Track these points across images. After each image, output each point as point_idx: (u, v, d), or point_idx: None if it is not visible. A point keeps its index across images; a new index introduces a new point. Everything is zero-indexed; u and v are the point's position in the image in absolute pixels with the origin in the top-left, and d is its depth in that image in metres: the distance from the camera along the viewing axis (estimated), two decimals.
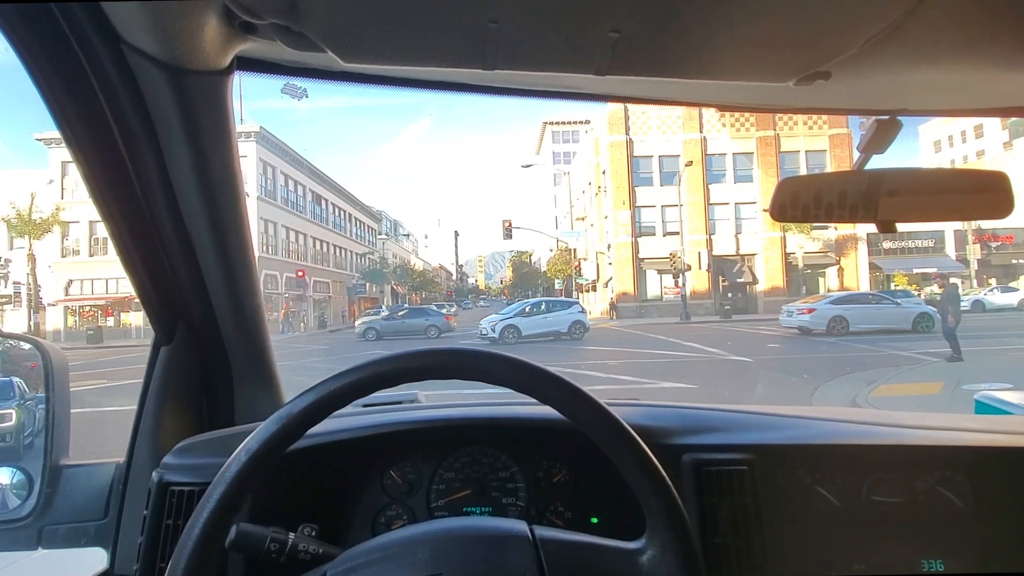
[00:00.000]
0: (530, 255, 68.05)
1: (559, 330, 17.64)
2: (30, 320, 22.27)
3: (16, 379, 1.26)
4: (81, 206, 23.53)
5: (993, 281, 27.52)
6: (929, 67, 0.81)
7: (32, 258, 22.16)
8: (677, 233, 26.97)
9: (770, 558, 0.87)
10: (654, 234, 28.95)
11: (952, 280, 13.17)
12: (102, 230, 24.58)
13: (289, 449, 0.63)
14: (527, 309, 18.76)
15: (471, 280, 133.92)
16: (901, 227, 0.93)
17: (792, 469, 0.92)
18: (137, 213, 0.93)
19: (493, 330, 17.43)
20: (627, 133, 29.39)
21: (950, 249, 28.76)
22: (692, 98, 1.04)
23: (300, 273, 30.62)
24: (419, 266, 63.89)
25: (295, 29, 0.72)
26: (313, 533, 0.75)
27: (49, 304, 24.59)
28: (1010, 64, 0.79)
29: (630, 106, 28.24)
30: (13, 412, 1.21)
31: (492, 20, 0.69)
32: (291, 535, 0.72)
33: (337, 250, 40.28)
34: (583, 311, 18.98)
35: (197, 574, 0.56)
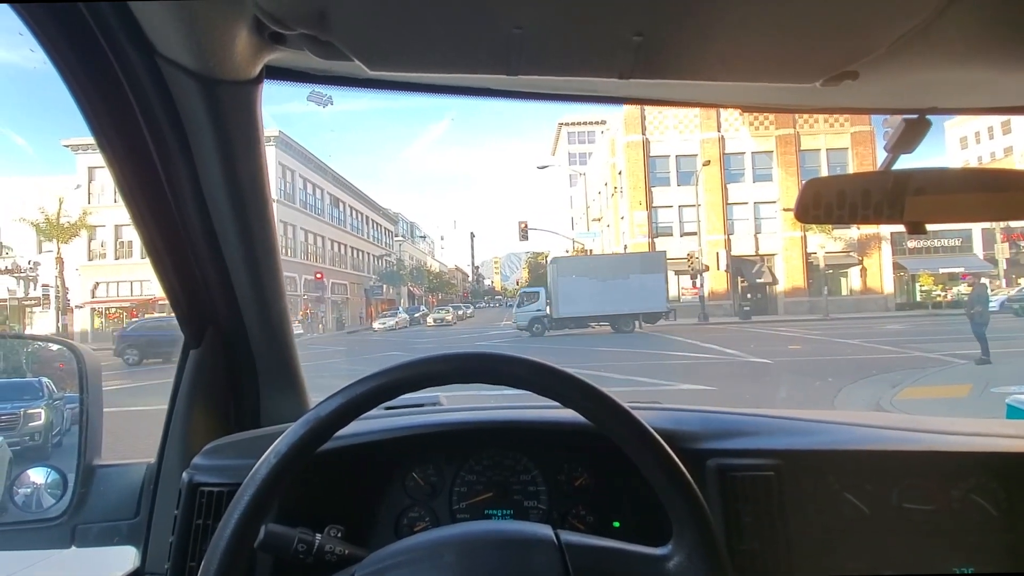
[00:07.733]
0: (546, 256, 67.85)
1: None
2: (58, 322, 22.77)
3: (44, 379, 1.30)
4: (107, 210, 24.05)
5: (1023, 281, 26.71)
6: (959, 66, 0.80)
7: (60, 261, 22.66)
8: (695, 233, 26.56)
9: (797, 566, 0.86)
10: (671, 234, 28.59)
11: (982, 280, 12.79)
12: (127, 233, 25.22)
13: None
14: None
15: (487, 281, 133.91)
16: (929, 227, 0.91)
17: (820, 475, 0.91)
18: (168, 220, 0.95)
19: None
20: (643, 133, 29.09)
21: (977, 248, 27.90)
22: (715, 99, 1.03)
23: (319, 275, 30.91)
24: (435, 268, 64.15)
25: (323, 39, 0.73)
26: (339, 534, 0.76)
27: (76, 306, 25.16)
28: None
29: (647, 106, 27.97)
30: (42, 411, 1.24)
31: (516, 26, 0.70)
32: (318, 536, 0.73)
33: (354, 252, 40.65)
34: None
35: (229, 574, 0.58)
